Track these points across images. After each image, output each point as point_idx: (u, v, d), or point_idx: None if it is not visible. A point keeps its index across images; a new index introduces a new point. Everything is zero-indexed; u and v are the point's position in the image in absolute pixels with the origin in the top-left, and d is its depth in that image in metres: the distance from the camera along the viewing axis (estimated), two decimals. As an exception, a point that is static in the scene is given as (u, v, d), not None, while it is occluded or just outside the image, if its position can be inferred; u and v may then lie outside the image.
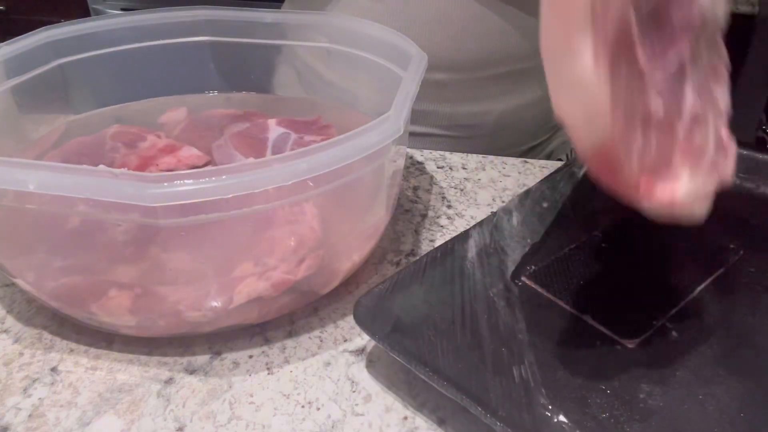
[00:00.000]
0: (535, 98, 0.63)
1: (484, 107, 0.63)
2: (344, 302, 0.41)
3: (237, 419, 0.33)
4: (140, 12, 0.51)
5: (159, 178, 0.29)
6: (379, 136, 0.34)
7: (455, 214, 0.50)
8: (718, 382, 0.33)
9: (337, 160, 0.32)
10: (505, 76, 0.61)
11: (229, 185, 0.30)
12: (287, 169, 0.31)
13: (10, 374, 0.36)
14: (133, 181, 0.29)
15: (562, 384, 0.33)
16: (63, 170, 0.30)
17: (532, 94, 0.63)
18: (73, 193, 0.29)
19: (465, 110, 0.63)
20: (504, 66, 0.60)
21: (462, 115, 0.63)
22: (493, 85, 0.62)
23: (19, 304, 0.41)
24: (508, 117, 0.64)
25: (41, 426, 0.33)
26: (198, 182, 0.29)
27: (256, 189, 0.30)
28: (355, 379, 0.36)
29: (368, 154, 0.33)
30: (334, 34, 0.51)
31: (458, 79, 0.60)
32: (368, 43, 0.48)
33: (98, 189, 0.29)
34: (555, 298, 0.39)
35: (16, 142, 0.47)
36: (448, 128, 0.64)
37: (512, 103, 0.63)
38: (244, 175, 0.30)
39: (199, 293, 0.35)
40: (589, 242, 0.44)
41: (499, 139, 0.65)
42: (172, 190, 0.29)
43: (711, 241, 0.44)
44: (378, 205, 0.40)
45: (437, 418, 0.33)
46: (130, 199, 0.29)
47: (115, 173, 0.30)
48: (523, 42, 0.59)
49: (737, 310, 0.38)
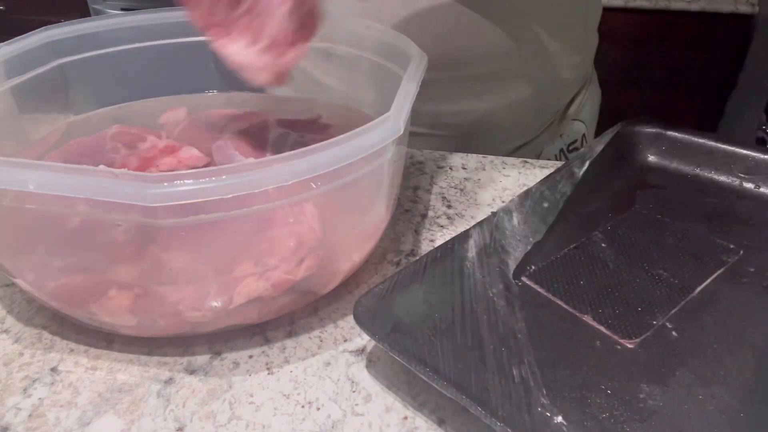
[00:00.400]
0: (520, 98, 0.63)
1: (467, 106, 0.63)
2: (344, 302, 0.41)
3: (237, 419, 0.33)
4: (140, 12, 0.51)
5: (159, 178, 0.29)
6: (379, 136, 0.34)
7: (455, 214, 0.50)
8: (718, 382, 0.33)
9: (337, 160, 0.32)
10: (487, 75, 0.61)
11: (229, 185, 0.30)
12: (287, 169, 0.31)
13: (10, 374, 0.36)
14: (133, 182, 0.29)
15: (562, 384, 0.33)
16: (63, 170, 0.30)
17: (516, 94, 0.63)
18: (73, 194, 0.29)
19: (448, 109, 0.63)
20: (486, 65, 0.60)
21: (445, 114, 0.63)
22: (476, 84, 0.62)
23: (19, 304, 0.41)
24: (491, 116, 0.64)
25: (41, 426, 0.33)
26: (198, 182, 0.29)
27: (256, 189, 0.30)
28: (355, 379, 0.36)
29: (368, 154, 0.33)
30: (333, 35, 0.51)
31: (441, 78, 0.59)
32: (368, 43, 0.48)
33: (98, 189, 0.29)
34: (555, 298, 0.39)
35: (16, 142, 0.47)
36: (432, 127, 0.64)
37: (496, 102, 0.63)
38: (244, 175, 0.30)
39: (199, 293, 0.35)
40: (589, 242, 0.44)
41: (483, 138, 0.65)
42: (172, 190, 0.29)
43: (711, 241, 0.44)
44: (378, 205, 0.40)
45: (437, 418, 0.33)
46: (130, 199, 0.29)
47: (115, 173, 0.30)
48: (504, 41, 0.59)
49: (737, 310, 0.38)
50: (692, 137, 0.52)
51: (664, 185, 0.51)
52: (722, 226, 0.46)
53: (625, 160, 0.53)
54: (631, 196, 0.49)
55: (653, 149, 0.54)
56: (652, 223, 0.46)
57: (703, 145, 0.52)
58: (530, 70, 0.62)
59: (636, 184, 0.51)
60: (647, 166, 0.53)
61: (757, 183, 0.49)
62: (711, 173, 0.51)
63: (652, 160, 0.53)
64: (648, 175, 0.52)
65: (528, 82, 0.63)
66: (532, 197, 0.46)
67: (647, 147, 0.54)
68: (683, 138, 0.53)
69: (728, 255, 0.43)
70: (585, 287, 0.40)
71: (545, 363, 0.34)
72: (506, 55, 0.60)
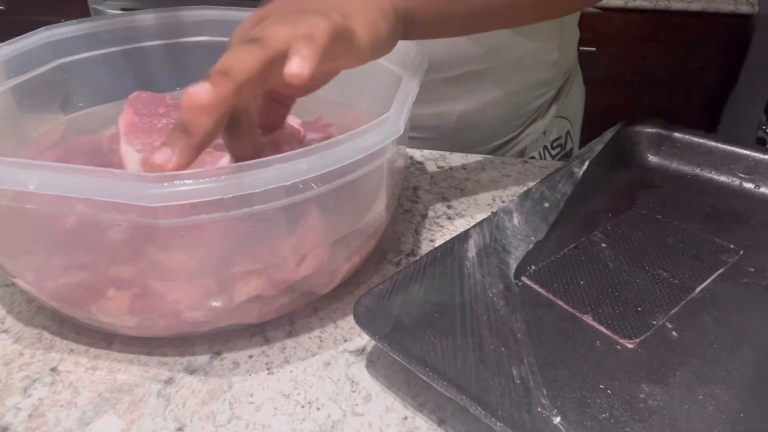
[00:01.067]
0: (495, 98, 0.65)
1: (445, 108, 0.64)
2: (344, 302, 0.41)
3: (237, 419, 0.33)
4: (140, 12, 0.51)
5: (159, 178, 0.29)
6: (379, 136, 0.34)
7: (455, 214, 0.50)
8: (718, 382, 0.33)
9: (337, 160, 0.32)
10: (461, 77, 0.62)
11: (229, 185, 0.29)
12: (287, 169, 0.31)
13: (10, 374, 0.36)
14: (133, 181, 0.29)
15: (562, 384, 0.33)
16: (63, 170, 0.30)
17: (490, 95, 0.64)
18: (73, 193, 0.29)
19: (426, 112, 0.64)
20: (458, 68, 0.62)
21: (423, 117, 0.64)
22: (451, 87, 0.63)
23: (19, 304, 0.41)
24: (469, 117, 0.65)
25: (41, 426, 0.33)
26: (198, 182, 0.29)
27: (256, 189, 0.30)
28: (355, 379, 0.36)
29: (368, 154, 0.33)
30: None
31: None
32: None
33: (98, 189, 0.29)
34: (555, 298, 0.39)
35: (16, 142, 0.47)
36: (412, 129, 0.65)
37: (472, 103, 0.64)
38: (244, 175, 0.30)
39: (198, 293, 0.35)
40: (589, 242, 0.44)
41: (462, 137, 0.66)
42: (172, 190, 0.29)
43: (711, 241, 0.44)
44: (378, 205, 0.40)
45: (437, 418, 0.33)
46: (129, 199, 0.29)
47: (116, 173, 0.29)
48: (473, 45, 0.61)
49: (737, 310, 0.38)
50: (692, 137, 0.52)
51: (664, 185, 0.51)
52: (722, 226, 0.46)
53: (625, 160, 0.53)
54: (631, 196, 0.49)
55: (653, 149, 0.54)
56: (652, 223, 0.46)
57: (703, 145, 0.52)
58: (503, 71, 0.63)
59: (636, 184, 0.51)
60: (647, 166, 0.53)
61: (757, 183, 0.49)
62: (711, 173, 0.51)
63: (652, 160, 0.53)
64: (648, 175, 0.52)
65: (501, 83, 0.64)
66: (532, 197, 0.46)
67: (647, 147, 0.54)
68: (683, 138, 0.53)
69: (728, 255, 0.42)
70: (585, 287, 0.40)
71: (545, 363, 0.34)
72: (476, 58, 0.61)
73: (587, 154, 0.50)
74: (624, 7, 1.64)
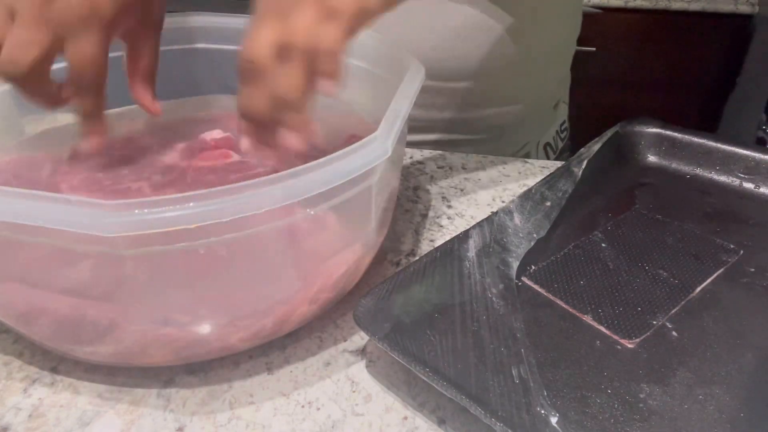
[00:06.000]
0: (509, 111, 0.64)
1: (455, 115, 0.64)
2: (344, 302, 0.41)
3: (237, 419, 0.33)
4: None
5: (117, 206, 0.26)
6: (363, 159, 0.31)
7: (455, 214, 0.50)
8: (718, 382, 0.33)
9: (318, 185, 0.29)
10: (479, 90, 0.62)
11: (194, 214, 0.27)
12: (259, 197, 0.28)
13: (10, 374, 0.36)
14: (89, 209, 0.26)
15: (561, 384, 0.33)
16: (14, 195, 0.27)
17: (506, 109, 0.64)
18: (27, 221, 0.27)
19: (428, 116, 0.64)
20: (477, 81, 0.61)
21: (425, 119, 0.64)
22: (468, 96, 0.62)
23: (19, 304, 0.41)
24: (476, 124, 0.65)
25: (41, 426, 0.33)
26: (157, 210, 0.26)
27: (224, 218, 0.27)
28: (355, 379, 0.36)
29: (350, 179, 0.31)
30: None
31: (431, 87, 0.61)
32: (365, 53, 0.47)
33: (52, 216, 0.27)
34: (555, 298, 0.39)
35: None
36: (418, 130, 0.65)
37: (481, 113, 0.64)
38: (211, 203, 0.27)
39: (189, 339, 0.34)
40: (589, 242, 0.44)
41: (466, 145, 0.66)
42: (131, 219, 0.26)
43: (711, 241, 0.44)
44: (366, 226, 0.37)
45: (437, 418, 0.33)
46: (85, 228, 0.26)
47: (71, 200, 0.27)
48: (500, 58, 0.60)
49: (737, 310, 0.38)
50: (692, 137, 0.52)
51: (664, 185, 0.51)
52: (722, 226, 0.46)
53: (625, 160, 0.53)
54: (631, 196, 0.49)
55: (653, 149, 0.54)
56: (652, 223, 0.46)
57: (703, 145, 0.52)
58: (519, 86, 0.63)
59: (636, 184, 0.51)
60: (647, 166, 0.53)
61: (757, 183, 0.49)
62: (711, 173, 0.51)
63: (652, 160, 0.53)
64: (648, 175, 0.52)
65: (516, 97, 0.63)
66: (533, 197, 0.46)
67: (647, 147, 0.54)
68: (683, 138, 0.53)
69: (728, 255, 0.43)
70: (585, 287, 0.40)
71: (545, 363, 0.34)
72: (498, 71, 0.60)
73: (586, 154, 0.50)
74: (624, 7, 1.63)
